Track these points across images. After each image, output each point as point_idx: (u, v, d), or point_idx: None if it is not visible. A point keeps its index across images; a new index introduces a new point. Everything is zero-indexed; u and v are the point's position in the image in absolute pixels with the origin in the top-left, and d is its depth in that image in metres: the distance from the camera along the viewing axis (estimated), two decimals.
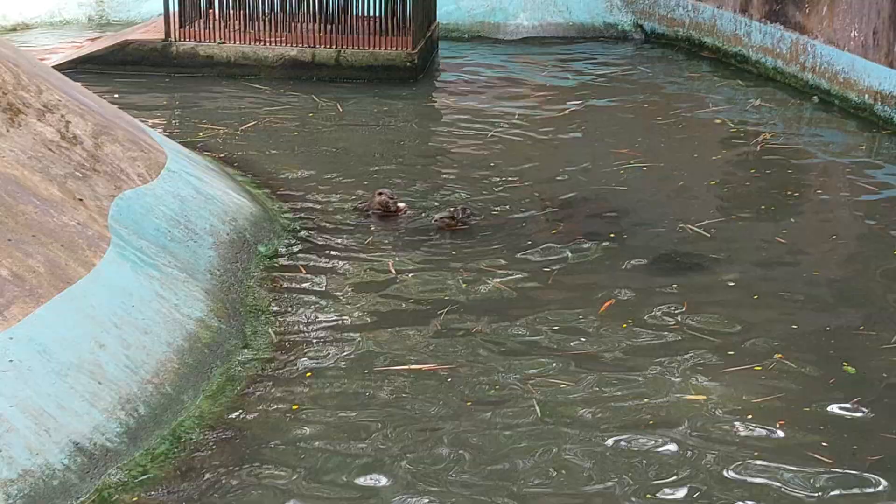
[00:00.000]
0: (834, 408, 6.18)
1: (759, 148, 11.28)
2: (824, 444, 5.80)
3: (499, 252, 8.36)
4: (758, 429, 5.93)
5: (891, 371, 6.61)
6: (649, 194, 9.78)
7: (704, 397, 6.24)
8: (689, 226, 8.92)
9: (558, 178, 10.16)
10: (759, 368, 6.59)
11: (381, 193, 9.07)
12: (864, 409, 6.15)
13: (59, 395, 5.32)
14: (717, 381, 6.43)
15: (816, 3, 13.18)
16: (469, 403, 6.16)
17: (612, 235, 8.72)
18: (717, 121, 12.40)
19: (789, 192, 9.95)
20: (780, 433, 5.91)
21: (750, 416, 6.03)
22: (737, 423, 5.97)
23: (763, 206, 9.53)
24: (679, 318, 7.24)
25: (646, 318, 7.25)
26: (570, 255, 8.34)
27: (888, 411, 6.16)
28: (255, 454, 5.62)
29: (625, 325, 7.12)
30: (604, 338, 6.98)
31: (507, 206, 9.37)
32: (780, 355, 6.74)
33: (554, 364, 6.63)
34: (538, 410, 6.08)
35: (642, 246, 8.53)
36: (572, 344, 6.89)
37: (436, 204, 9.38)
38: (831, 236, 8.95)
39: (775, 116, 12.66)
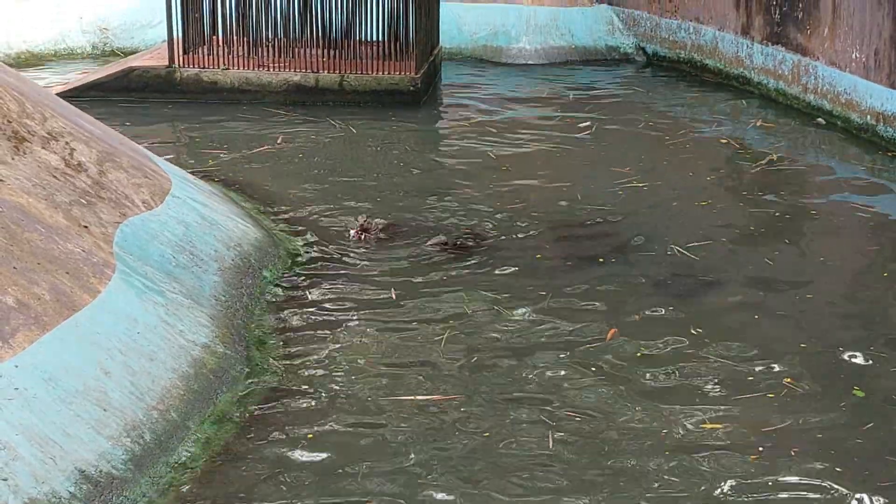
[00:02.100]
0: (846, 433, 6.13)
1: (759, 169, 11.28)
2: (838, 469, 5.76)
3: (499, 276, 8.32)
4: (773, 457, 5.85)
5: None
6: (649, 216, 9.77)
7: (721, 425, 6.16)
8: (688, 248, 8.90)
9: (560, 201, 10.15)
10: (771, 396, 6.53)
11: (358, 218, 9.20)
12: (875, 434, 6.11)
13: (65, 423, 5.31)
14: (732, 408, 6.36)
15: (817, 24, 13.21)
16: (487, 435, 6.06)
17: (610, 259, 8.69)
18: (723, 140, 12.42)
19: (788, 215, 9.93)
20: (796, 460, 5.85)
21: (765, 444, 5.97)
22: (753, 451, 5.90)
23: (763, 229, 9.53)
24: (687, 344, 7.19)
25: (653, 344, 7.19)
26: (569, 279, 8.30)
27: None
28: (262, 482, 5.59)
29: (639, 354, 7.03)
30: (614, 366, 6.90)
31: (508, 229, 9.35)
32: (789, 379, 6.69)
33: (564, 394, 6.54)
34: (550, 440, 6.00)
35: (642, 270, 8.49)
36: (582, 373, 6.80)
37: (432, 227, 9.39)
38: (831, 258, 8.94)
39: (777, 138, 12.65)
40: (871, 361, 7.01)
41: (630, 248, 8.98)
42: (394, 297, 7.89)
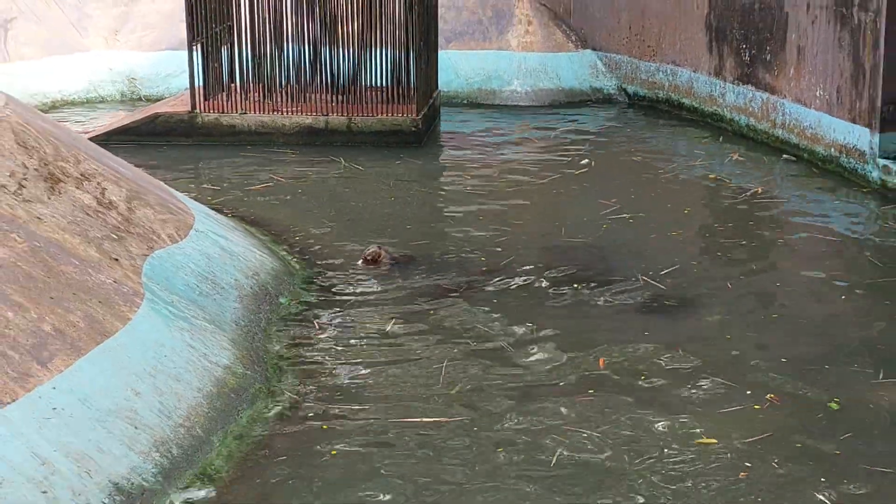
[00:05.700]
0: (827, 445, 6.09)
1: (736, 201, 11.31)
2: (823, 480, 5.73)
3: (493, 306, 8.25)
4: (762, 467, 5.81)
5: (878, 406, 6.56)
6: (635, 247, 9.76)
7: (716, 440, 6.09)
8: (667, 274, 8.89)
9: (553, 235, 10.15)
10: (757, 408, 6.50)
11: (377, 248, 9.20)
12: (853, 445, 6.09)
13: (99, 440, 5.32)
14: (721, 422, 6.32)
15: (784, 65, 13.27)
16: (501, 450, 6.01)
17: (596, 285, 8.66)
18: (711, 176, 12.44)
19: (755, 243, 9.92)
20: (780, 471, 5.80)
21: (752, 458, 5.91)
22: (742, 464, 5.86)
23: (737, 255, 9.55)
24: (674, 366, 7.13)
25: (642, 369, 7.09)
26: (560, 307, 8.30)
27: (874, 446, 6.09)
28: (279, 492, 5.59)
29: (643, 377, 6.95)
30: (612, 388, 6.82)
31: (505, 263, 9.32)
32: (772, 396, 6.66)
33: (565, 419, 6.44)
34: (554, 458, 5.93)
35: (625, 297, 8.45)
36: (577, 396, 6.70)
37: (436, 258, 9.40)
38: (799, 281, 8.95)
39: (750, 171, 12.67)
40: (840, 374, 7.01)
41: (625, 277, 8.87)
42: (390, 328, 7.79)
